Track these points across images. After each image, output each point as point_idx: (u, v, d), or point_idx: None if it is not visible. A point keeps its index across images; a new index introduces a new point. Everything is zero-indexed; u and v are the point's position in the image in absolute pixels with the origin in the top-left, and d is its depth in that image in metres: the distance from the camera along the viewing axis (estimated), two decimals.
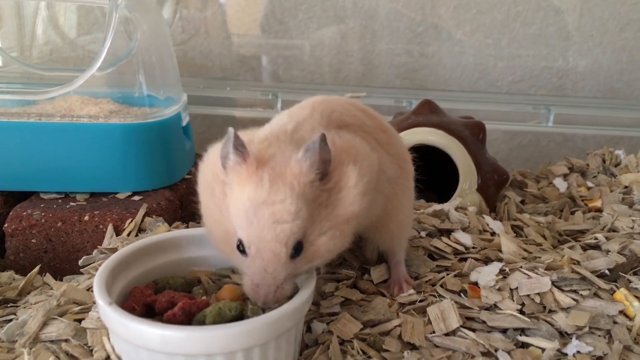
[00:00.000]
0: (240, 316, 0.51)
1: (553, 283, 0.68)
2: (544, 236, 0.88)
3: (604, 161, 1.17)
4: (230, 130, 0.52)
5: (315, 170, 0.51)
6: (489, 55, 1.41)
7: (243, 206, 0.50)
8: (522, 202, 1.05)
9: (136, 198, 0.87)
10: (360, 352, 0.59)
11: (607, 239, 0.83)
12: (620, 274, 0.74)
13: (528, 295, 0.67)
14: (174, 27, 1.38)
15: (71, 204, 0.84)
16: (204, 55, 1.40)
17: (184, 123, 1.00)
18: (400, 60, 1.41)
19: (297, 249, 0.51)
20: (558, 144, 1.45)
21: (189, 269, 0.64)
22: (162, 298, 0.54)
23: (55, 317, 0.61)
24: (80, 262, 0.73)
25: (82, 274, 0.73)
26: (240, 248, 0.52)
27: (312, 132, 0.57)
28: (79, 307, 0.63)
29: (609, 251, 0.79)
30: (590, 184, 1.09)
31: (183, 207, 0.91)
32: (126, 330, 0.49)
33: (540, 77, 1.43)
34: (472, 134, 0.96)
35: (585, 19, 1.38)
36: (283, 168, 0.51)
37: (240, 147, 0.51)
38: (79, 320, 0.61)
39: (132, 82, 0.94)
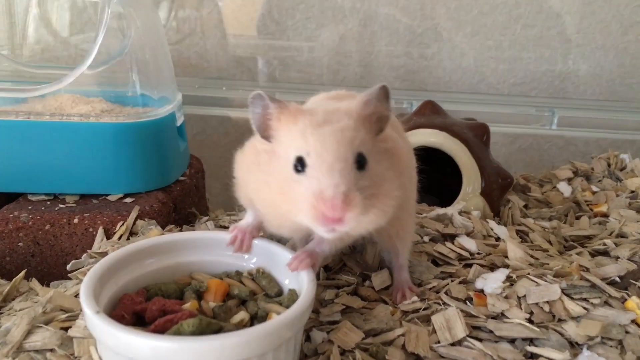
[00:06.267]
0: (199, 332, 0.48)
1: (562, 291, 0.65)
2: (549, 242, 0.86)
3: (609, 165, 1.15)
4: (256, 92, 0.53)
5: (371, 108, 0.52)
6: (489, 57, 1.39)
7: (299, 131, 0.51)
8: (526, 206, 1.02)
9: (128, 200, 0.85)
10: None
11: (616, 244, 0.81)
12: (631, 281, 0.71)
13: (537, 304, 0.64)
14: (169, 26, 1.36)
15: (60, 205, 0.82)
16: (200, 55, 1.38)
17: (179, 123, 0.97)
18: (399, 62, 1.39)
19: (360, 162, 0.50)
20: (560, 148, 1.43)
21: (183, 274, 0.62)
22: (152, 306, 0.51)
23: (41, 325, 0.58)
24: (68, 266, 0.71)
25: (70, 279, 0.70)
26: (298, 168, 0.50)
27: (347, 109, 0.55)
28: (66, 315, 0.61)
29: (619, 257, 0.77)
30: (595, 189, 1.06)
31: (177, 209, 0.89)
32: (114, 340, 0.47)
33: (541, 80, 1.41)
34: (476, 135, 0.94)
35: (587, 21, 1.36)
36: (335, 105, 0.53)
37: (274, 99, 0.53)
38: (66, 329, 0.58)
39: (125, 81, 0.92)
